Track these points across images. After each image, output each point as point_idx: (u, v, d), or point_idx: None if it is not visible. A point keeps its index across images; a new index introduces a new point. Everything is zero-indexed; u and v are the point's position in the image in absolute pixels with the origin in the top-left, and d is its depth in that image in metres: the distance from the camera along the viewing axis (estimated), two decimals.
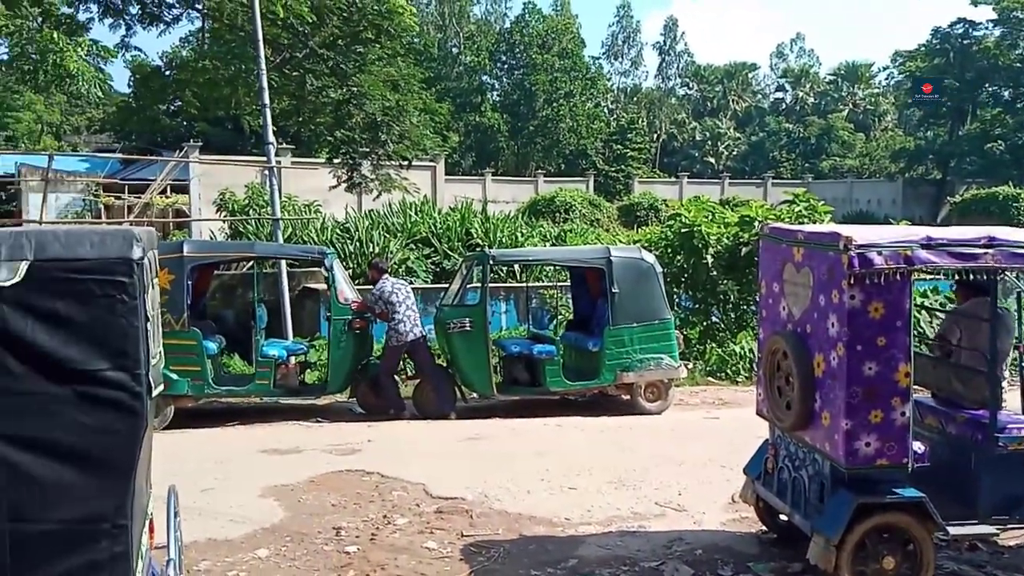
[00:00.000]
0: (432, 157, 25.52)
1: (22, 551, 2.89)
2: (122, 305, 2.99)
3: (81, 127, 36.42)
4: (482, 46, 55.59)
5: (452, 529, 6.19)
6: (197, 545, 5.57)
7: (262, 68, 12.92)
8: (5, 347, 2.86)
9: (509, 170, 50.04)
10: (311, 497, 6.87)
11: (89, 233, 3.09)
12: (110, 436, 2.97)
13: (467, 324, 9.97)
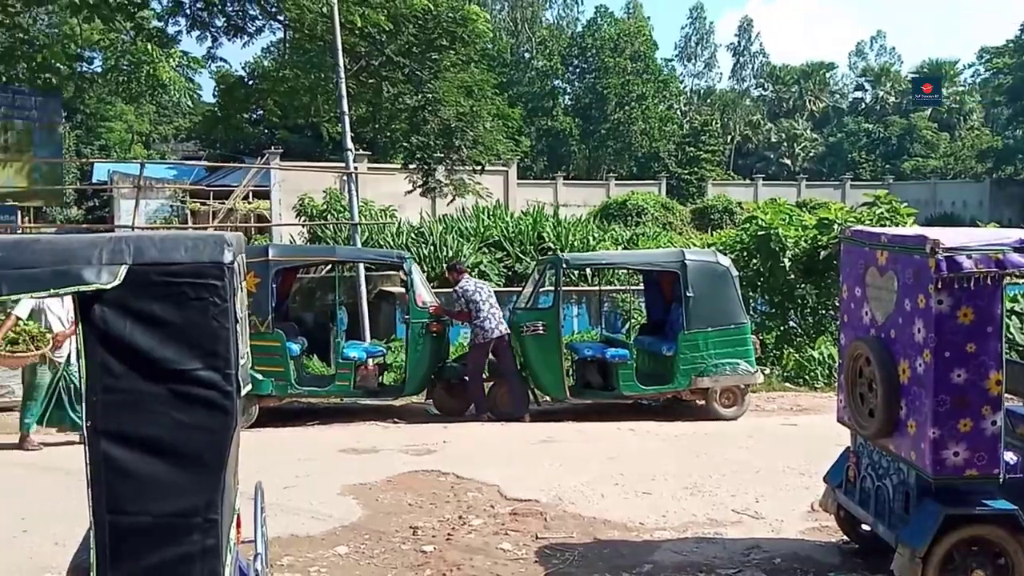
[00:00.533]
0: (504, 162, 25.66)
1: (120, 542, 3.01)
2: (214, 307, 3.10)
3: (169, 136, 37.78)
4: (554, 50, 55.65)
5: (526, 531, 6.21)
6: (280, 541, 5.73)
7: (341, 76, 13.21)
8: (106, 347, 2.99)
9: (580, 174, 49.97)
10: (388, 496, 6.99)
11: (183, 238, 3.22)
12: (202, 433, 3.08)
13: (540, 327, 10.00)
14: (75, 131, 26.57)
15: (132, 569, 3.01)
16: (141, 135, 35.88)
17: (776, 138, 61.81)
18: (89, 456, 2.99)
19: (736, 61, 67.45)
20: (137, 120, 34.88)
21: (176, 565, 3.06)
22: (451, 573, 5.47)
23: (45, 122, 15.96)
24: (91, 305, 2.96)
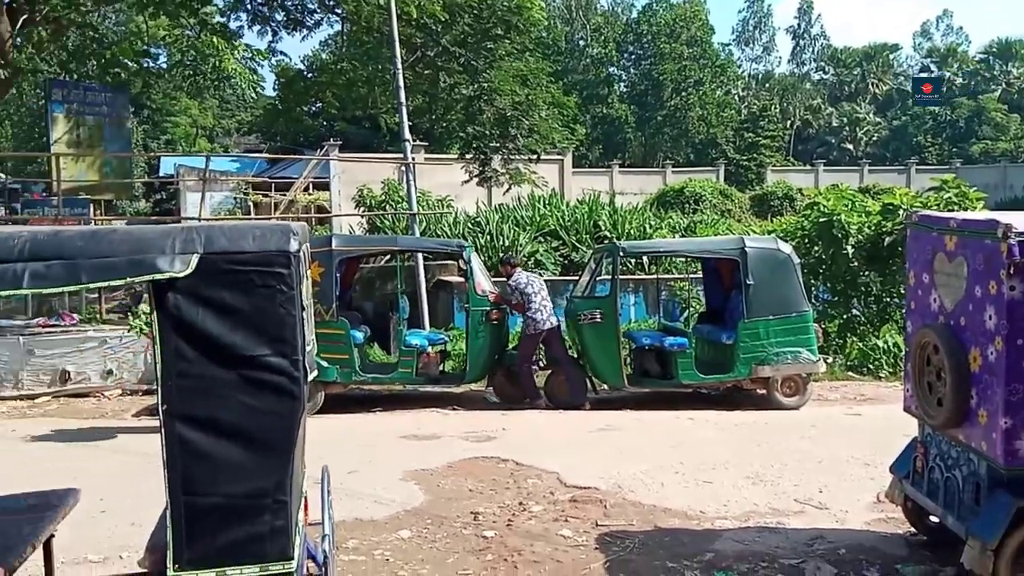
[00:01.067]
0: (560, 150, 25.57)
1: (195, 521, 3.12)
2: (281, 295, 3.18)
3: (231, 130, 38.60)
4: (609, 37, 55.21)
5: (586, 518, 6.23)
6: (345, 524, 5.84)
7: (398, 67, 13.33)
8: (179, 334, 3.09)
9: (636, 161, 49.54)
10: (449, 482, 7.07)
11: (251, 228, 3.30)
12: (271, 417, 3.17)
13: (597, 316, 9.99)
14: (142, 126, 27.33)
15: (206, 547, 3.12)
16: (205, 129, 36.71)
17: (837, 122, 60.39)
18: (165, 439, 3.10)
19: (796, 44, 66.03)
20: (201, 114, 35.69)
21: (247, 544, 3.16)
22: (512, 558, 5.51)
23: (114, 117, 16.51)
24: (165, 293, 3.06)
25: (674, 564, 5.35)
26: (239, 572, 3.15)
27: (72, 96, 15.79)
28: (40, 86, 16.60)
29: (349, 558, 5.36)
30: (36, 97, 20.15)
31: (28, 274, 2.93)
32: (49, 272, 2.95)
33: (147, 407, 9.76)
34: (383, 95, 17.57)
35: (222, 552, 3.14)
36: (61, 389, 10.25)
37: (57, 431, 8.79)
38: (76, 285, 3.09)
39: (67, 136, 15.68)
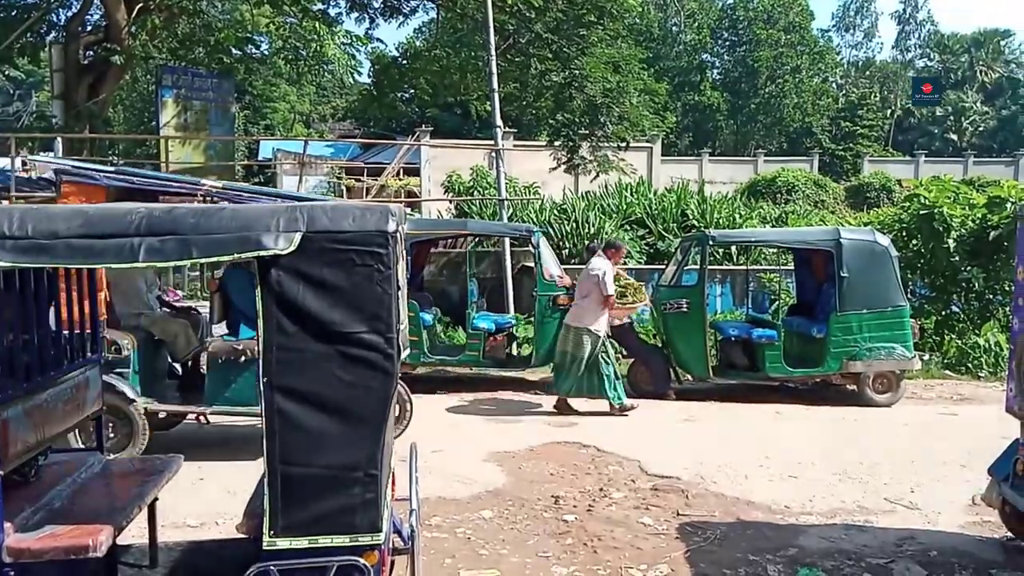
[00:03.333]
0: (649, 138, 25.32)
1: (290, 490, 3.24)
2: (378, 274, 3.27)
3: (327, 115, 39.55)
4: (703, 23, 54.16)
5: (667, 507, 6.21)
6: (429, 501, 5.98)
7: (491, 54, 13.41)
8: (280, 309, 3.21)
9: (727, 150, 48.59)
10: (530, 465, 7.15)
11: (352, 208, 3.41)
12: (365, 392, 3.27)
13: (684, 305, 9.89)
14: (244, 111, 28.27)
15: (300, 516, 3.24)
16: (302, 115, 37.71)
17: (941, 111, 57.82)
18: (264, 410, 3.23)
19: (900, 30, 63.44)
20: (299, 101, 36.69)
21: (339, 515, 3.27)
22: (592, 543, 5.55)
23: (220, 102, 17.15)
24: (268, 269, 3.18)
25: (756, 557, 5.30)
26: (330, 541, 3.25)
27: (181, 82, 16.48)
28: (151, 72, 17.36)
29: (432, 535, 5.49)
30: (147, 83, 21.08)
31: (144, 248, 3.09)
32: (163, 247, 3.11)
33: None
34: (475, 82, 17.72)
35: (315, 521, 3.24)
36: None
37: None
38: (188, 260, 3.25)
39: (175, 120, 16.39)
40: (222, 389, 7.03)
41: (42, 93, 29.19)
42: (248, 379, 6.91)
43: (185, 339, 7.49)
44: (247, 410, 6.99)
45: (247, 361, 6.92)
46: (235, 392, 7.00)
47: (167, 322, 7.51)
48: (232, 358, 7.01)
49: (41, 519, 3.42)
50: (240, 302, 7.22)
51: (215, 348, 7.05)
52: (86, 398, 4.05)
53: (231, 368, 7.01)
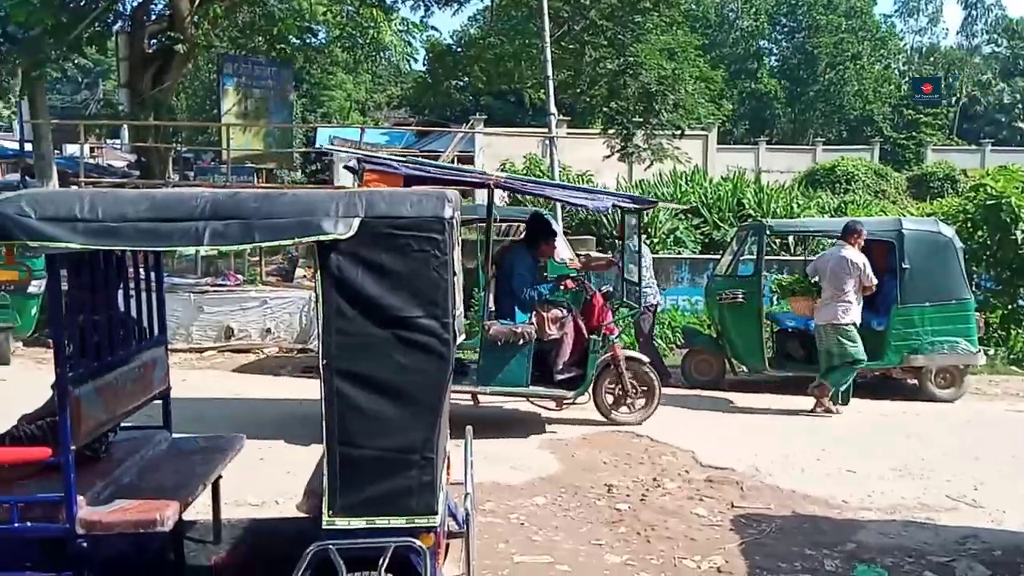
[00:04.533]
0: (705, 126, 24.98)
1: (348, 471, 3.29)
2: (435, 259, 3.30)
3: (382, 104, 39.91)
4: (761, 9, 53.20)
5: (722, 499, 6.17)
6: (483, 486, 6.00)
7: (546, 42, 13.38)
8: (339, 293, 3.25)
9: (785, 138, 47.72)
10: (584, 453, 7.15)
11: (409, 194, 3.44)
12: (422, 376, 3.30)
13: (740, 296, 9.76)
14: (301, 99, 28.64)
15: (358, 497, 3.29)
16: (358, 103, 38.08)
17: (1009, 99, 55.89)
18: (324, 392, 3.28)
19: (967, 15, 61.48)
20: (355, 89, 37.08)
21: (395, 497, 3.31)
22: (645, 532, 5.53)
23: (279, 91, 17.44)
24: (328, 254, 3.23)
25: (813, 552, 5.23)
26: (387, 522, 3.30)
27: (242, 70, 16.78)
28: (213, 61, 17.70)
29: (486, 519, 5.53)
30: (209, 71, 21.50)
31: (208, 232, 3.17)
32: (227, 231, 3.17)
33: (300, 365, 10.32)
34: (529, 69, 17.69)
35: (372, 502, 3.29)
36: (225, 344, 11.01)
37: (222, 383, 9.46)
38: (250, 244, 3.32)
39: (236, 108, 16.70)
40: (496, 371, 7.41)
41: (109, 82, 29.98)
42: (521, 362, 7.38)
43: None
44: (519, 391, 7.49)
45: (523, 344, 7.31)
46: (508, 374, 7.41)
47: None
48: (511, 341, 7.33)
49: (111, 493, 3.53)
50: (516, 286, 7.54)
51: (494, 331, 7.35)
52: (153, 377, 4.16)
53: (507, 351, 7.37)
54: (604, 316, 7.80)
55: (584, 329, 7.70)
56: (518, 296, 7.63)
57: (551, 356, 7.64)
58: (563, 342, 7.64)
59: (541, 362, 7.59)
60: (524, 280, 7.67)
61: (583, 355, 7.66)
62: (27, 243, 3.15)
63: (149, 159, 15.04)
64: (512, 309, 7.68)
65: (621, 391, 7.97)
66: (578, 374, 7.70)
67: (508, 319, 7.58)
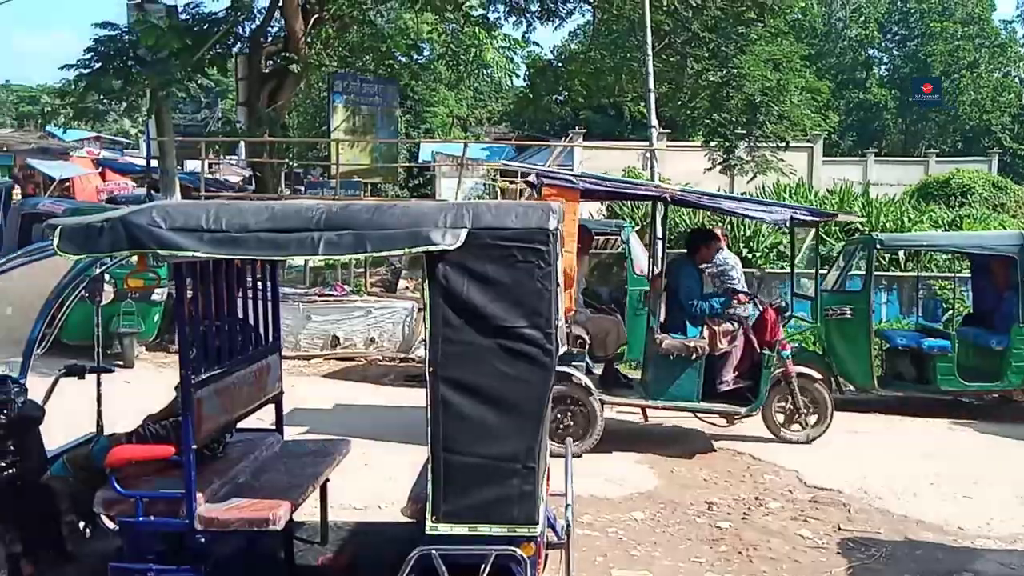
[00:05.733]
0: (811, 137, 24.35)
1: (452, 478, 3.35)
2: (539, 270, 3.34)
3: (483, 119, 40.50)
4: (870, 17, 51.47)
5: (828, 521, 5.99)
6: (581, 499, 5.97)
7: (648, 55, 13.33)
8: (446, 302, 3.33)
9: (895, 150, 45.99)
10: (684, 469, 7.06)
11: (515, 206, 3.50)
12: (524, 386, 3.34)
13: (848, 311, 9.46)
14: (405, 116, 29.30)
15: (461, 503, 3.34)
16: (459, 119, 38.71)
17: None
18: (430, 399, 3.35)
19: None
20: (457, 105, 37.72)
21: (497, 505, 3.35)
22: (747, 552, 5.43)
23: (385, 107, 17.97)
24: (436, 264, 3.31)
25: None
26: (489, 530, 3.34)
27: (351, 88, 17.39)
28: (324, 79, 18.36)
29: (584, 532, 5.52)
30: (319, 89, 22.30)
31: (323, 242, 3.30)
32: (340, 241, 3.30)
33: (402, 374, 10.53)
34: (629, 83, 17.62)
35: (474, 509, 3.34)
36: (331, 353, 11.35)
37: (328, 390, 9.75)
38: (362, 253, 3.43)
39: (344, 124, 17.28)
40: (666, 385, 7.34)
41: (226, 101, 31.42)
42: (692, 376, 7.27)
43: (616, 336, 7.77)
44: (689, 406, 7.40)
45: (695, 359, 7.25)
46: (679, 389, 7.30)
47: (600, 319, 7.82)
48: (683, 355, 7.28)
49: (227, 492, 3.70)
50: (684, 299, 7.51)
51: (666, 345, 7.31)
52: (267, 382, 4.34)
53: (678, 365, 7.29)
54: (776, 331, 7.60)
55: (755, 343, 7.53)
56: (687, 310, 7.55)
57: (718, 369, 7.51)
58: (732, 356, 7.51)
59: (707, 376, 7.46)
60: (692, 292, 7.59)
61: (751, 370, 7.52)
62: (158, 252, 3.36)
63: (263, 174, 15.71)
64: (682, 323, 7.63)
65: (792, 408, 7.78)
66: (746, 388, 7.52)
67: (678, 333, 7.50)
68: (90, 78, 13.25)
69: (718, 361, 7.50)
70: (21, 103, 51.60)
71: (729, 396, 7.53)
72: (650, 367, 7.50)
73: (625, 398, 7.69)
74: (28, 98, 50.97)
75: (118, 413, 4.51)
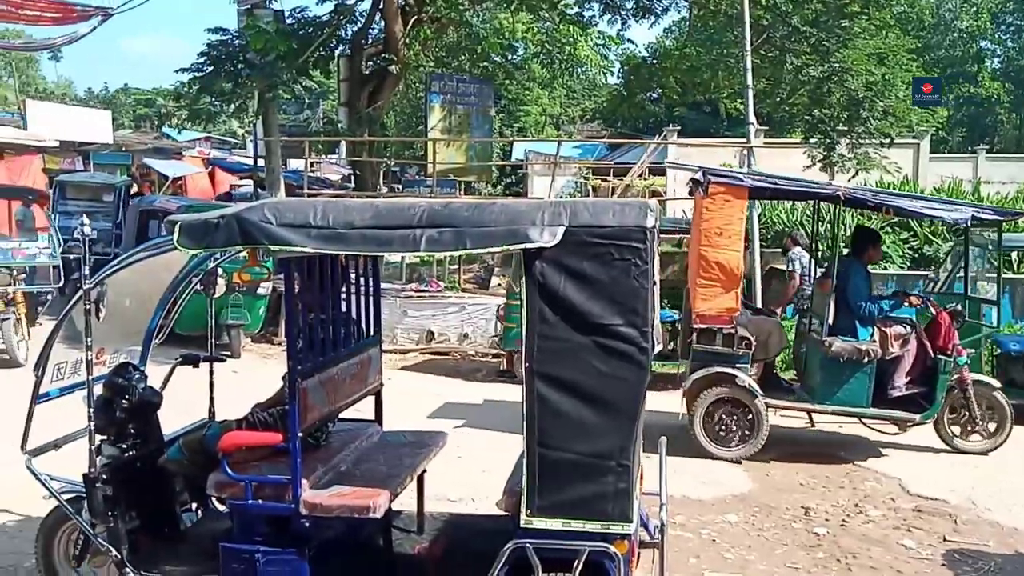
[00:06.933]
0: (917, 134, 23.41)
1: (547, 473, 3.39)
2: (636, 268, 3.34)
3: (575, 117, 40.51)
4: (982, 8, 49.07)
5: (932, 531, 5.78)
6: (672, 500, 5.91)
7: (747, 50, 13.07)
8: (543, 299, 3.37)
9: (1009, 146, 43.68)
10: (779, 473, 6.92)
11: (612, 204, 3.52)
12: (620, 383, 3.35)
13: None
14: (499, 115, 29.55)
15: (555, 498, 3.38)
16: (552, 117, 38.81)
17: None
18: (525, 394, 3.40)
19: None
20: (549, 103, 37.86)
21: (592, 501, 3.37)
22: (846, 560, 5.29)
23: (480, 107, 18.20)
24: (533, 261, 3.36)
25: None
26: (583, 526, 3.37)
27: (447, 87, 17.71)
28: (421, 80, 18.71)
29: (676, 533, 5.48)
30: (416, 89, 22.73)
31: (425, 239, 3.39)
32: (441, 238, 3.38)
33: (495, 370, 10.64)
34: (726, 79, 17.31)
35: (569, 505, 3.37)
36: (426, 347, 11.58)
37: (423, 383, 9.95)
38: (462, 250, 3.51)
39: (441, 124, 17.59)
40: (835, 389, 7.09)
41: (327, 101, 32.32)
42: (862, 381, 7.02)
43: (778, 338, 7.65)
44: (859, 411, 7.15)
45: (867, 363, 7.01)
46: (848, 393, 7.05)
47: (761, 320, 7.68)
48: (853, 359, 7.04)
49: (330, 479, 3.84)
50: (853, 301, 7.30)
51: (836, 348, 7.04)
52: (368, 374, 4.47)
53: (848, 368, 7.04)
54: (951, 336, 7.26)
55: (928, 348, 7.22)
56: (856, 312, 7.29)
57: (888, 375, 7.20)
58: (904, 360, 7.18)
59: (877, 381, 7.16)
60: (860, 294, 7.33)
61: (923, 375, 7.20)
62: (268, 247, 3.51)
63: (363, 172, 16.13)
64: (851, 325, 7.35)
65: (968, 417, 7.44)
66: (917, 395, 7.21)
67: (848, 335, 7.23)
68: (203, 81, 13.92)
69: (889, 366, 7.15)
70: (138, 105, 54.31)
71: (900, 402, 7.19)
72: (817, 371, 7.23)
73: (787, 401, 7.43)
74: (144, 100, 53.61)
75: (225, 401, 4.72)
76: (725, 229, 6.97)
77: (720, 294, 6.98)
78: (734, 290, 7.02)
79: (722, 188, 7.00)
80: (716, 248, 6.94)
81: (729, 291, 6.99)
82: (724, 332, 7.00)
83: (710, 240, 6.97)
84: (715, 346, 7.04)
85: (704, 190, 7.03)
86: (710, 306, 7.01)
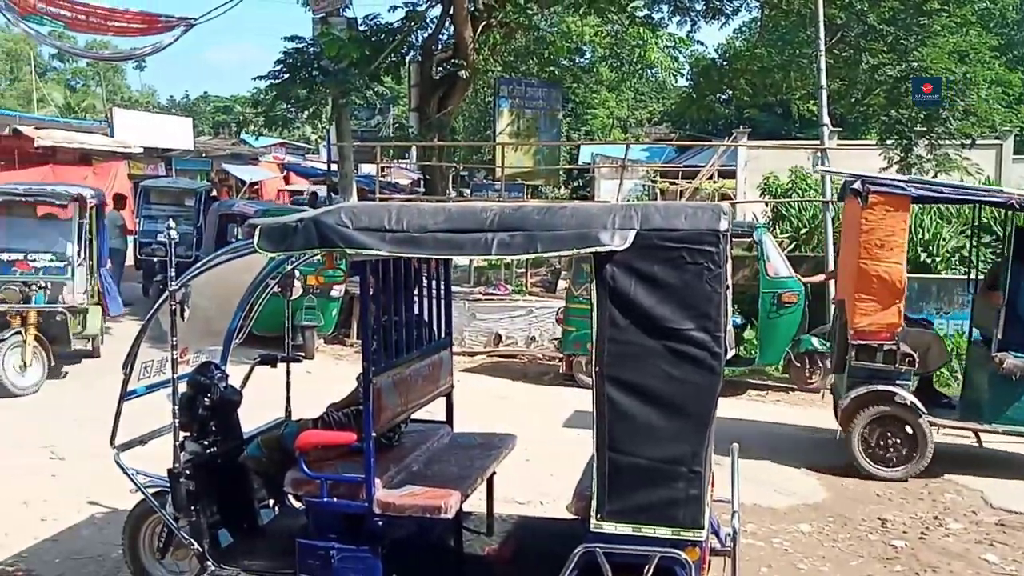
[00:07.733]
0: (1000, 134, 22.55)
1: (617, 477, 3.39)
2: (708, 272, 3.32)
3: (643, 120, 40.25)
4: None
5: (1017, 546, 5.58)
6: (744, 508, 5.84)
7: (820, 50, 12.83)
8: (613, 302, 3.37)
9: None
10: (854, 482, 6.75)
11: (683, 207, 3.49)
12: (691, 389, 3.33)
13: None
14: (566, 118, 29.55)
15: (625, 503, 3.37)
16: (620, 120, 38.61)
17: None
18: (595, 398, 3.40)
19: None
20: (617, 106, 37.70)
21: (663, 507, 3.35)
22: (925, 574, 5.16)
23: (548, 110, 18.26)
24: (604, 264, 3.36)
25: None
26: (653, 531, 3.35)
27: (516, 92, 17.82)
28: (490, 84, 18.86)
29: (748, 542, 5.41)
30: (484, 94, 22.90)
31: (496, 242, 3.42)
32: (512, 241, 3.41)
33: (561, 374, 10.63)
34: (798, 80, 17.00)
35: (639, 510, 3.36)
36: (494, 349, 11.67)
37: (491, 385, 10.01)
38: (533, 254, 3.54)
39: (509, 128, 17.70)
40: (1006, 408, 6.79)
41: (398, 107, 32.78)
42: None
43: (938, 351, 7.47)
44: None
45: None
46: (1021, 412, 6.75)
47: (920, 333, 7.41)
48: None
49: (402, 479, 3.91)
50: None
51: (1009, 364, 6.70)
52: (440, 375, 4.54)
53: (1022, 386, 6.72)
54: None
55: None
56: None
57: None
58: None
59: None
60: None
61: None
62: (345, 250, 3.60)
63: (432, 176, 16.33)
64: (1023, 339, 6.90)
65: None
66: None
67: (1020, 351, 6.79)
68: (279, 87, 14.29)
69: None
70: (217, 112, 55.98)
71: None
72: (986, 388, 6.90)
73: (951, 420, 7.08)
74: (223, 108, 55.25)
75: (300, 400, 4.84)
76: (887, 241, 6.60)
77: (881, 309, 6.67)
78: (896, 305, 6.68)
79: (883, 198, 6.63)
80: (877, 260, 6.59)
81: (891, 306, 6.65)
82: (885, 348, 6.69)
83: (870, 252, 6.60)
84: (876, 363, 6.73)
85: (864, 200, 6.66)
86: (870, 321, 6.68)
